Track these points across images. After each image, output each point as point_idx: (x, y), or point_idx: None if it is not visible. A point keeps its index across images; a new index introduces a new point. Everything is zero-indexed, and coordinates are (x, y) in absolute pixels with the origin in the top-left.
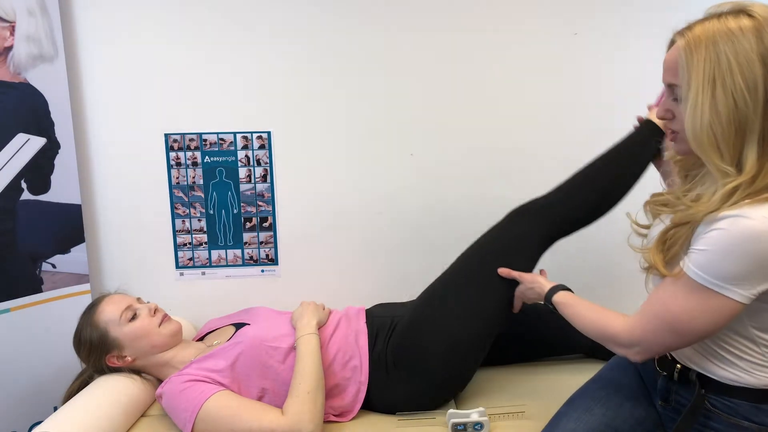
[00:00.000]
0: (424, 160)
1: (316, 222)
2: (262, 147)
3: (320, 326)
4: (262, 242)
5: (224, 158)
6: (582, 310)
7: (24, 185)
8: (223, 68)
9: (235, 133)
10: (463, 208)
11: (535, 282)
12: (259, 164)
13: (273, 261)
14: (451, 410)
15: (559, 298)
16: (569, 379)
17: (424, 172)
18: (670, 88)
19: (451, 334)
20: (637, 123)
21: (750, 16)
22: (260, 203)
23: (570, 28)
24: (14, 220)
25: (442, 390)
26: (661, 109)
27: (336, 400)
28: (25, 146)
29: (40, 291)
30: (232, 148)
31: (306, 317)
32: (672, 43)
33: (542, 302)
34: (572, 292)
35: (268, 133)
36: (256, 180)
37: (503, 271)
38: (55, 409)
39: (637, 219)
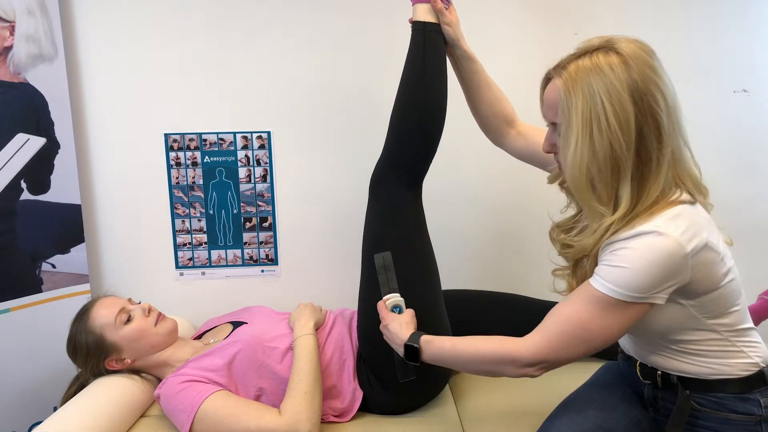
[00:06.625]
0: None
1: (316, 222)
2: (261, 147)
3: (317, 327)
4: (261, 242)
5: (224, 158)
6: (466, 344)
7: (24, 185)
8: (223, 68)
9: (234, 133)
10: (463, 208)
11: (391, 323)
12: (258, 164)
13: (273, 261)
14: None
15: (429, 341)
16: (568, 378)
17: None
18: (553, 125)
19: None
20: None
21: (617, 53)
22: (260, 203)
23: (570, 28)
24: (14, 220)
25: (422, 384)
26: (547, 143)
27: (334, 401)
28: (25, 146)
29: (39, 291)
30: (232, 148)
31: (304, 318)
32: (548, 79)
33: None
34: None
35: (268, 133)
36: (256, 180)
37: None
38: (55, 409)
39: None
